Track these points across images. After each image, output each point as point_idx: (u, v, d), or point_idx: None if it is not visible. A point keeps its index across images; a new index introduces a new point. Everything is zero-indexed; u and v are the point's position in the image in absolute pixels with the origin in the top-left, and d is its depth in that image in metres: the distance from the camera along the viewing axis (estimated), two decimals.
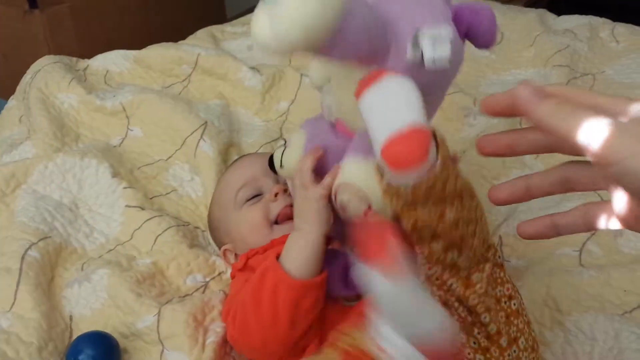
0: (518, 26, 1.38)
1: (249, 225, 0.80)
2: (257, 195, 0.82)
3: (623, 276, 0.79)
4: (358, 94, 0.50)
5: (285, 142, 0.70)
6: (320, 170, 0.64)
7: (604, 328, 0.74)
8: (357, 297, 0.67)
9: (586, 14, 1.46)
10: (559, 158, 0.43)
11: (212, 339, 0.71)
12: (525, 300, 0.77)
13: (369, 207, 0.54)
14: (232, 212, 0.82)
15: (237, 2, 2.32)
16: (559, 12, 1.52)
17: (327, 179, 0.62)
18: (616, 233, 0.88)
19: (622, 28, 1.37)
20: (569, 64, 1.22)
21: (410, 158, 0.45)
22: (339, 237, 0.68)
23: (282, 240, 0.68)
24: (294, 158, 0.67)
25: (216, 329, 0.72)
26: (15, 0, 1.68)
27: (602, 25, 1.38)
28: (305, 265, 0.63)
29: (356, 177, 0.56)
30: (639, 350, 0.72)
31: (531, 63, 1.27)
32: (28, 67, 1.25)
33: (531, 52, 1.29)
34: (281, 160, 0.68)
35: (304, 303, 0.63)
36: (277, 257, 0.65)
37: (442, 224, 0.49)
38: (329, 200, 0.61)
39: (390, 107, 0.48)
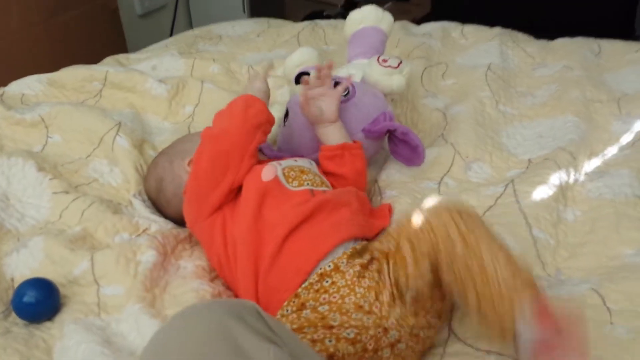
0: None
1: None
2: None
3: (471, 197, 1.00)
4: None
5: None
6: None
7: None
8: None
9: None
10: None
11: (143, 266, 0.84)
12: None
13: None
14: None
15: (138, 45, 2.47)
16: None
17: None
18: (466, 168, 1.09)
19: (470, 28, 1.66)
20: (425, 56, 1.47)
21: None
22: None
23: None
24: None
25: (148, 259, 0.85)
26: None
27: (454, 27, 1.67)
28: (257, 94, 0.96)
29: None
30: None
31: None
32: None
33: (396, 51, 1.53)
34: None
35: (252, 108, 0.92)
36: None
37: None
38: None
39: None
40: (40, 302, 0.81)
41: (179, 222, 1.00)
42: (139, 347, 0.75)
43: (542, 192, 0.97)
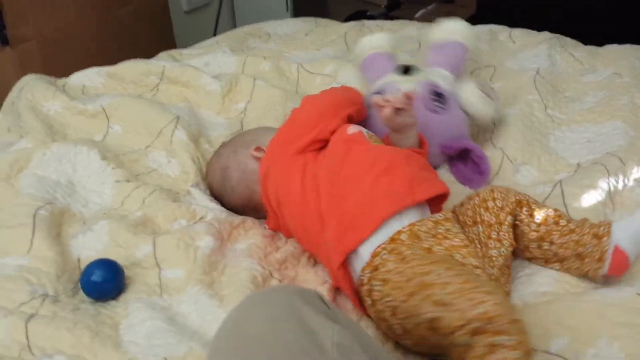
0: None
1: None
2: None
3: None
4: None
5: None
6: None
7: None
8: None
9: None
10: None
11: (202, 251, 0.89)
12: None
13: None
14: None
15: (183, 40, 2.54)
16: None
17: None
18: (514, 170, 1.11)
19: (518, 31, 1.66)
20: (473, 58, 1.48)
21: None
22: None
23: None
24: None
25: (206, 245, 0.90)
26: None
27: (501, 31, 1.67)
28: None
29: None
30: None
31: None
32: None
33: None
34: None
35: (353, 91, 1.09)
36: None
37: None
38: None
39: None
40: (107, 281, 0.86)
41: (239, 209, 1.05)
42: (199, 327, 0.80)
43: (590, 195, 0.98)
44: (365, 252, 0.82)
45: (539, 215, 0.89)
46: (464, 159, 1.10)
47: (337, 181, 0.89)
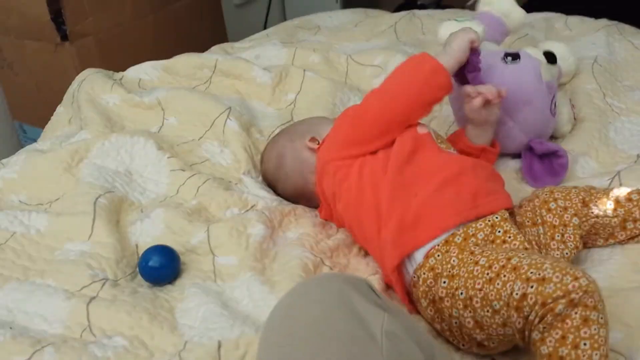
0: None
1: None
2: None
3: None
4: None
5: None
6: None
7: None
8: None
9: None
10: None
11: (254, 238, 0.90)
12: None
13: None
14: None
15: (234, 34, 2.58)
16: None
17: None
18: (572, 161, 1.08)
19: (574, 19, 1.61)
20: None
21: None
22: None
23: None
24: None
25: (258, 232, 0.92)
26: (46, 35, 1.91)
27: (557, 18, 1.63)
28: (446, 62, 0.94)
29: None
30: None
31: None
32: (59, 97, 1.46)
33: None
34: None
35: (436, 78, 0.93)
36: None
37: None
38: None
39: None
40: (164, 266, 0.88)
41: (292, 197, 1.06)
42: (251, 312, 0.81)
43: None
44: (419, 255, 0.82)
45: (610, 201, 0.87)
46: (542, 158, 1.08)
47: (401, 178, 0.87)
